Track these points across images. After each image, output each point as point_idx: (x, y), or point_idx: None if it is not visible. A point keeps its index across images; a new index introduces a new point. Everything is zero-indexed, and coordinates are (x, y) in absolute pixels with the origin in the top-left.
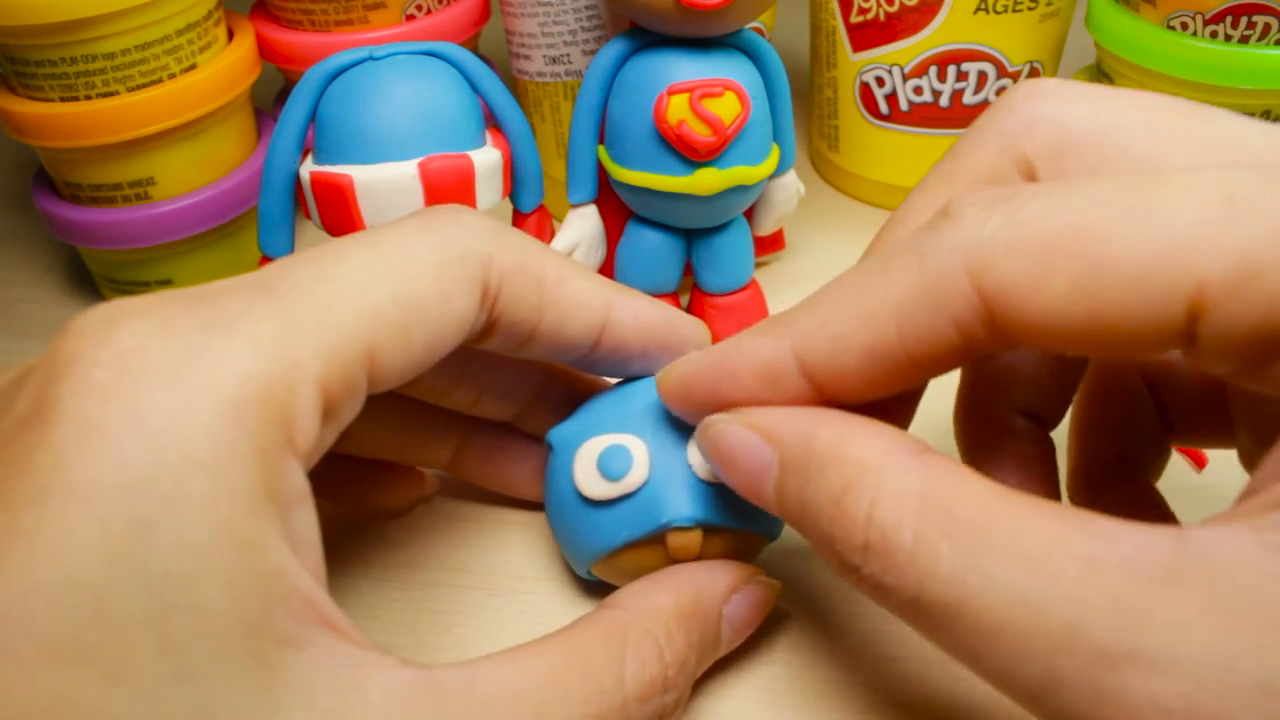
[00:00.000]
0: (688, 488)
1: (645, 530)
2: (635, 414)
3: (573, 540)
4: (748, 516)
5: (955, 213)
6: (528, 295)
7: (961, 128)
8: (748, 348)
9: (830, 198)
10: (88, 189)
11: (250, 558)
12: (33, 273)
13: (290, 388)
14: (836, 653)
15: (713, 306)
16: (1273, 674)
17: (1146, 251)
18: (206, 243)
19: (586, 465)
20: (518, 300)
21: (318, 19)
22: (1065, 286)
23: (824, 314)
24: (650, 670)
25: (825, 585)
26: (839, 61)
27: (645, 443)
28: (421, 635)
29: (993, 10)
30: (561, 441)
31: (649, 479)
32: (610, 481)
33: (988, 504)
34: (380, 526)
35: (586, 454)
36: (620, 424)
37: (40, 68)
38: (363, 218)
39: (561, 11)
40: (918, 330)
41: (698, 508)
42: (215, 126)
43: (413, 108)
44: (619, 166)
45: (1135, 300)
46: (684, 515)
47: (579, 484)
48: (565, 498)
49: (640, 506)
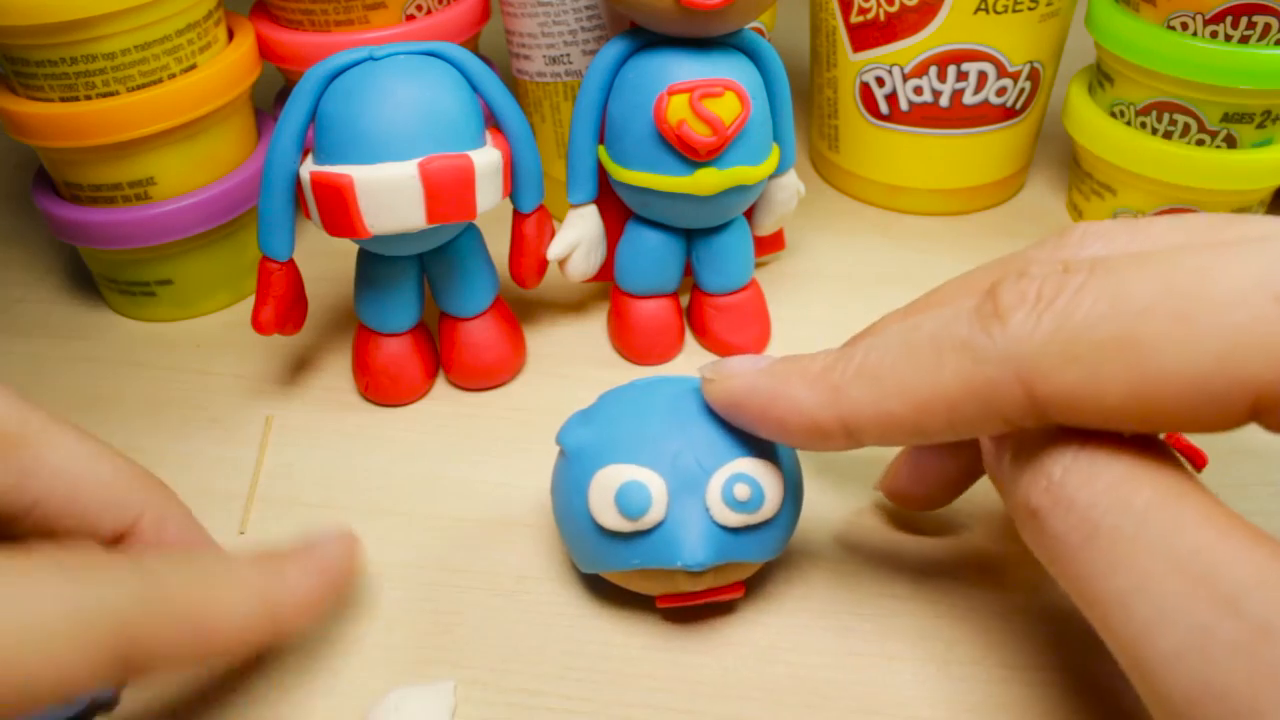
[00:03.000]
0: (703, 531)
1: (656, 565)
2: (655, 440)
3: (580, 550)
4: (758, 549)
5: (1004, 311)
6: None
7: (962, 128)
8: (799, 402)
9: (830, 198)
10: (88, 189)
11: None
12: (33, 273)
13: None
14: (836, 653)
15: (713, 306)
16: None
17: (1200, 363)
18: (206, 243)
19: (603, 496)
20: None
21: (318, 19)
22: (1120, 396)
23: (877, 393)
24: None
25: (825, 585)
26: (839, 61)
27: (664, 480)
28: (422, 635)
29: (993, 10)
30: (576, 451)
31: (665, 519)
32: (627, 519)
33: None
34: (380, 527)
35: (603, 484)
36: (639, 449)
37: (40, 68)
38: (363, 218)
39: (561, 11)
40: (968, 422)
41: (710, 552)
42: (215, 126)
43: (413, 108)
44: (619, 166)
45: (1190, 407)
46: (697, 560)
47: (594, 513)
48: (576, 513)
49: (655, 545)
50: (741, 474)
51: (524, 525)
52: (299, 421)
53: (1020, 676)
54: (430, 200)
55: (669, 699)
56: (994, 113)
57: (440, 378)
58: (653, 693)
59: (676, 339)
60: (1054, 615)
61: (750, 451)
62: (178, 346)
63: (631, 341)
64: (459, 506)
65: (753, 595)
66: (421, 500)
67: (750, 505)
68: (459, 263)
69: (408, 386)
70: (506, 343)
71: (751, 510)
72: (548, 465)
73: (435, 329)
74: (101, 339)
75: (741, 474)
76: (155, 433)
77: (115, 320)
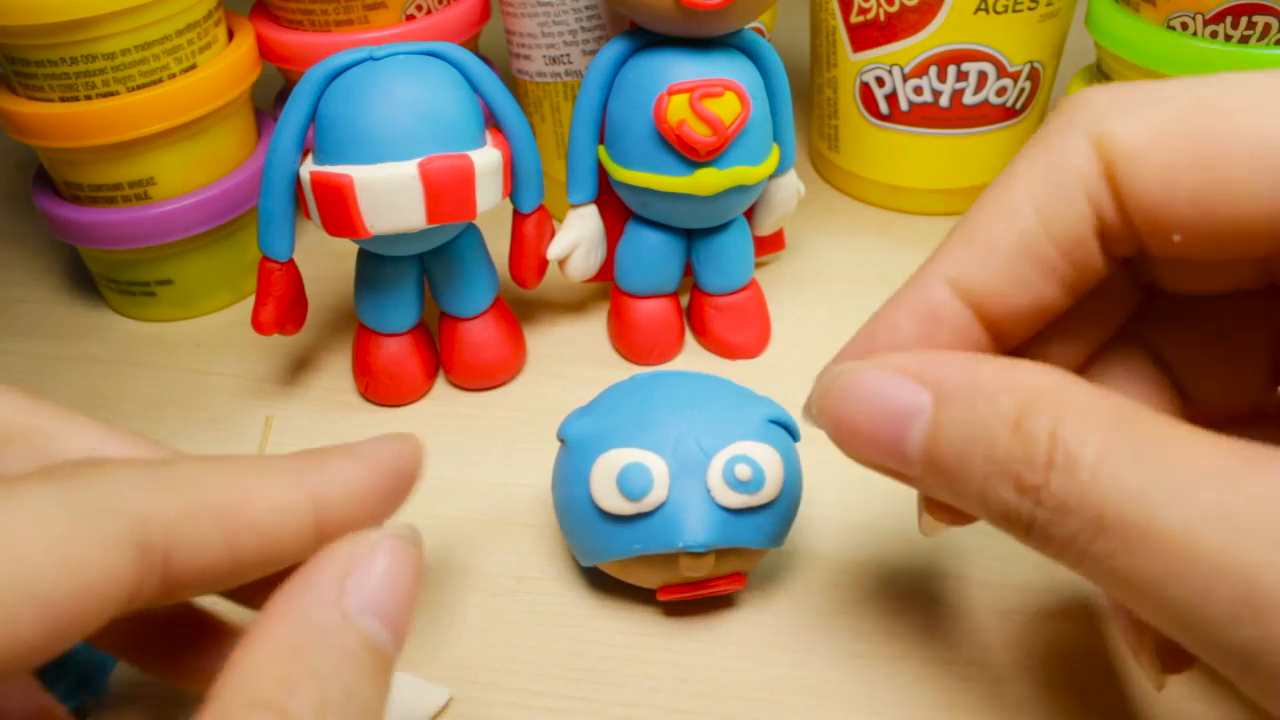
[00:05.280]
0: (705, 512)
1: (658, 549)
2: (656, 425)
3: (581, 540)
4: (759, 534)
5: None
6: (210, 536)
7: (962, 128)
8: (899, 297)
9: (830, 198)
10: (88, 189)
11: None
12: (33, 273)
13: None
14: (836, 653)
15: (713, 306)
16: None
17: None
18: (206, 243)
19: (605, 480)
20: (200, 546)
21: (318, 19)
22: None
23: (965, 229)
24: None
25: (825, 585)
26: (839, 61)
27: (666, 462)
28: (422, 635)
29: (993, 10)
30: (577, 440)
31: (667, 500)
32: (629, 500)
33: (1169, 427)
34: None
35: (605, 468)
36: (640, 434)
37: (40, 68)
38: (363, 218)
39: (561, 11)
40: (1057, 212)
41: (713, 533)
42: (215, 126)
43: (413, 108)
44: (619, 166)
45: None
46: (699, 541)
47: (595, 497)
48: (577, 501)
49: (656, 527)
50: (743, 455)
51: (524, 525)
52: (299, 421)
53: (1020, 676)
54: (430, 200)
55: (669, 699)
56: (994, 113)
57: (440, 378)
58: (653, 693)
59: (676, 339)
60: (1053, 616)
61: (751, 435)
62: (178, 346)
63: (631, 341)
64: (459, 506)
65: (753, 595)
66: (421, 500)
67: (751, 486)
68: (459, 263)
69: (408, 386)
70: (506, 343)
71: (753, 491)
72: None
73: (435, 329)
74: (101, 339)
75: (743, 455)
76: (155, 433)
77: (115, 320)
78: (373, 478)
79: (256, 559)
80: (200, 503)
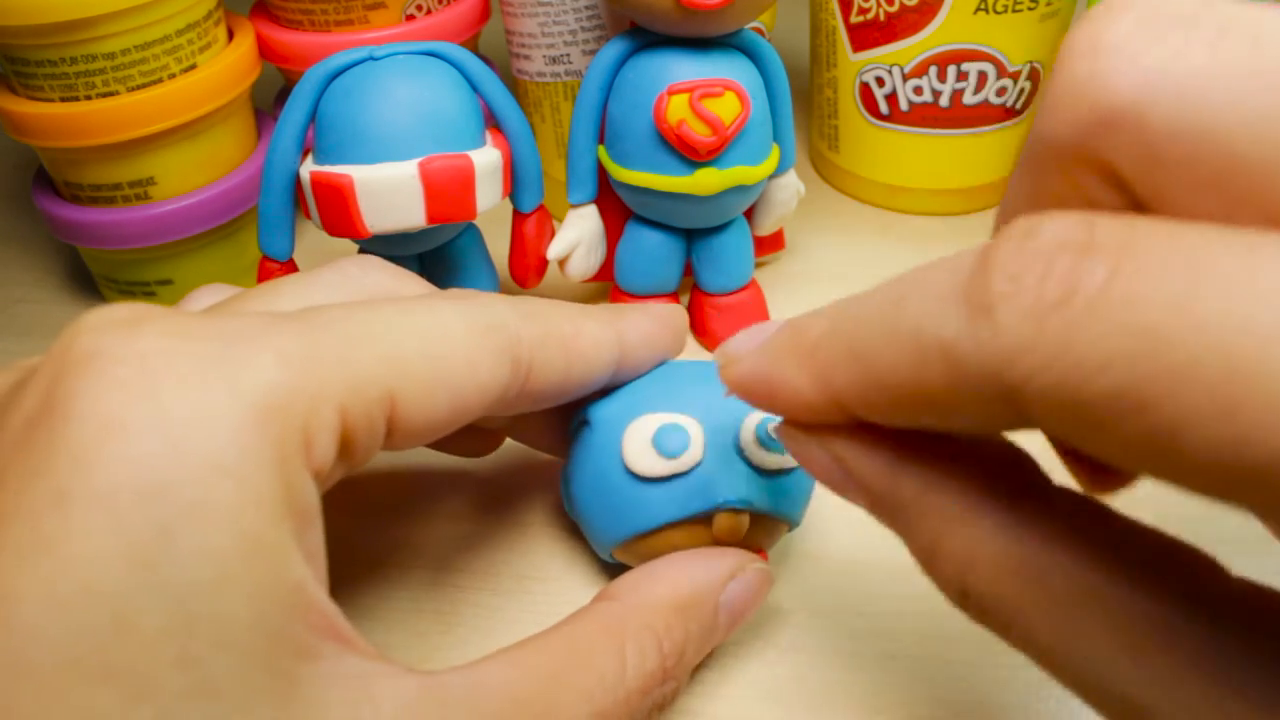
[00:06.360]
0: (741, 470)
1: (696, 510)
2: (685, 395)
3: (606, 518)
4: (786, 501)
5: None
6: (555, 359)
7: (962, 128)
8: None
9: (830, 198)
10: (88, 189)
11: (273, 568)
12: (33, 273)
13: (313, 404)
14: (836, 653)
15: (713, 306)
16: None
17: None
18: (206, 243)
19: (639, 441)
20: (549, 367)
21: (318, 19)
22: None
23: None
24: (650, 663)
25: (825, 585)
26: (839, 61)
27: (700, 423)
28: (422, 635)
29: (993, 10)
30: (604, 418)
31: (703, 459)
32: (665, 459)
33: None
34: (380, 527)
35: (640, 430)
36: (670, 404)
37: (40, 68)
38: (363, 218)
39: (561, 11)
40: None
41: (751, 490)
42: (215, 126)
43: (413, 108)
44: (619, 166)
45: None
46: (739, 497)
47: (630, 459)
48: (605, 473)
49: (693, 486)
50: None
51: (524, 525)
52: None
53: (1021, 676)
54: (430, 200)
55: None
56: (994, 113)
57: None
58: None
59: None
60: None
61: None
62: None
63: None
64: (459, 505)
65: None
66: (421, 499)
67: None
68: (459, 263)
69: None
70: None
71: (784, 450)
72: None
73: None
74: None
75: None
76: None
77: None
78: (656, 327)
79: (580, 381)
80: (552, 331)
